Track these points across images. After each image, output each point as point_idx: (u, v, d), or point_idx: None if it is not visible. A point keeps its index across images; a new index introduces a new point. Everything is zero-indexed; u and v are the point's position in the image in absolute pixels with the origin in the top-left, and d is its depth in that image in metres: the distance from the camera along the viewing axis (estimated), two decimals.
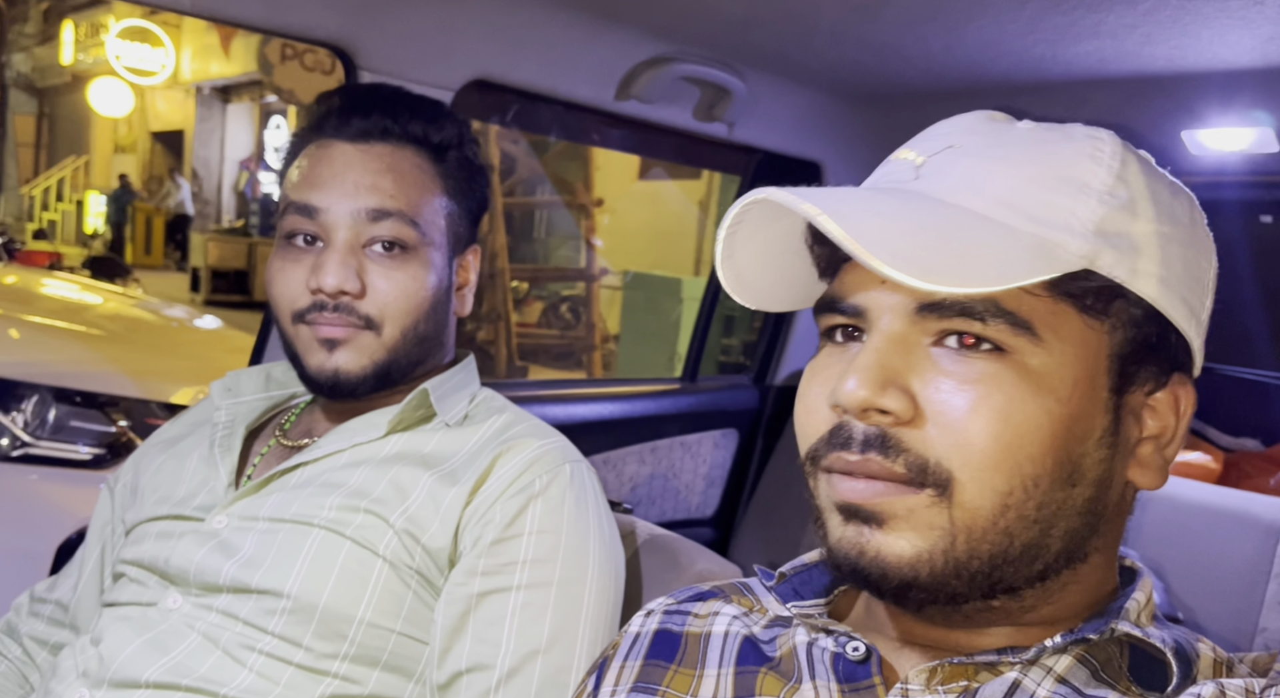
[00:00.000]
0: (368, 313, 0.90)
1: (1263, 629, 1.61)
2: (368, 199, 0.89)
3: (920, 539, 0.50)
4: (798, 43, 1.54)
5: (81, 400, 2.19)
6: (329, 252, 0.89)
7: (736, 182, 2.21)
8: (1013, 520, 0.49)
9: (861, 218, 0.47)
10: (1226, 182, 1.80)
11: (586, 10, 1.44)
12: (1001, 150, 0.52)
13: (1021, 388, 0.48)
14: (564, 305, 7.77)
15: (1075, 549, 0.52)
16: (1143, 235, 0.51)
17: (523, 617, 0.83)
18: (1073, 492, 0.50)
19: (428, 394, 0.94)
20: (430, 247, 0.93)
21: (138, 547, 0.92)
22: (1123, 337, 0.52)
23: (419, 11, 1.32)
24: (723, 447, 2.23)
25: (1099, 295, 0.50)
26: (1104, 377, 0.51)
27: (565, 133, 1.99)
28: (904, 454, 0.49)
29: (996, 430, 0.48)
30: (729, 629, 0.63)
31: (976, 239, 0.48)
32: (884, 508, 0.50)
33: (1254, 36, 1.27)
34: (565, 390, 1.98)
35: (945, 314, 0.49)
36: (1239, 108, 1.55)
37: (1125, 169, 0.52)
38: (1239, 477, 2.23)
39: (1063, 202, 0.50)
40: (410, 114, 0.94)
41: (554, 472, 0.89)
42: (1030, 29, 1.34)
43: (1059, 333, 0.50)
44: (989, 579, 0.50)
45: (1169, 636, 0.52)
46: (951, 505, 0.49)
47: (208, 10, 1.16)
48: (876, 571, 0.50)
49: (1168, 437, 0.54)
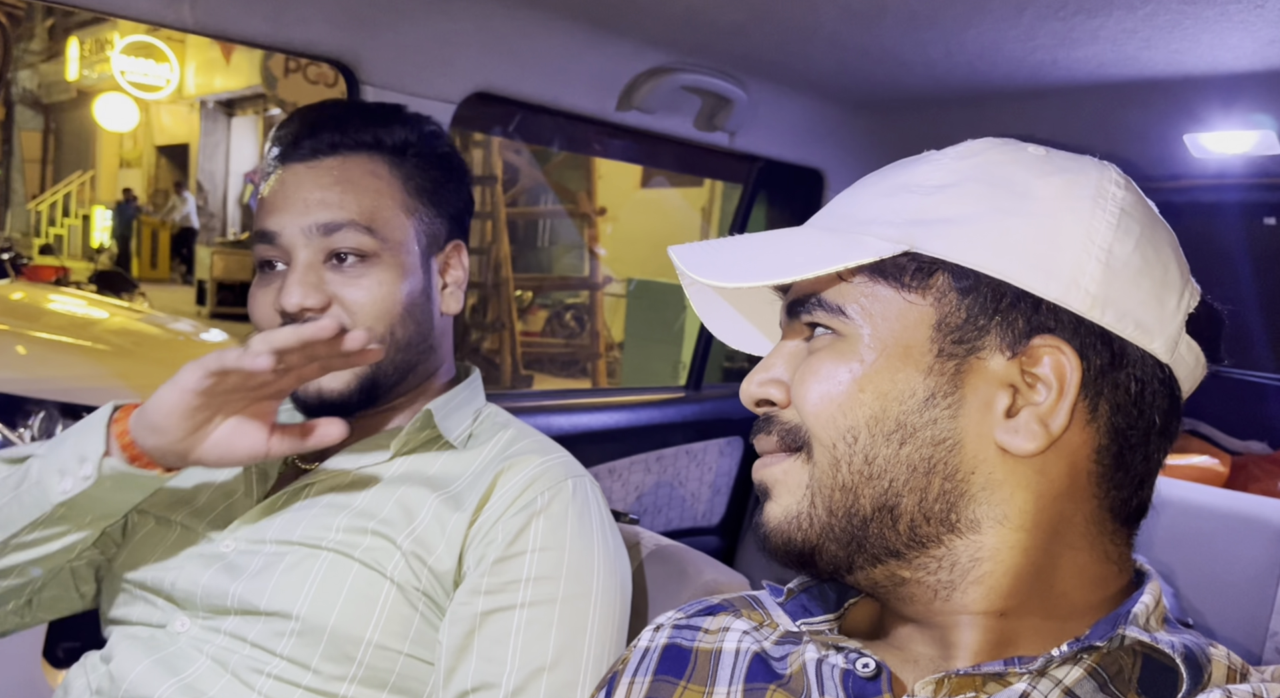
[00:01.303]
0: (342, 324, 0.89)
1: (1274, 633, 1.60)
2: (317, 214, 0.89)
3: (790, 499, 0.58)
4: (798, 51, 1.55)
5: (88, 415, 2.19)
6: (289, 272, 0.89)
7: (739, 188, 2.21)
8: (846, 475, 0.55)
9: (716, 254, 0.59)
10: (1229, 184, 1.79)
11: (587, 22, 1.45)
12: (878, 176, 0.61)
13: (831, 350, 0.57)
14: (568, 314, 7.78)
15: (947, 514, 0.54)
16: (967, 212, 0.54)
17: (527, 634, 0.83)
18: (903, 449, 0.54)
19: (431, 415, 0.93)
20: (396, 251, 0.92)
21: (141, 568, 0.92)
22: (951, 305, 0.54)
23: (420, 25, 1.33)
24: (728, 455, 2.23)
25: (915, 273, 0.55)
26: (925, 343, 0.54)
27: (567, 143, 2.00)
28: (778, 425, 0.59)
29: (813, 386, 0.56)
30: (739, 646, 0.63)
31: (794, 246, 0.58)
32: (766, 476, 0.59)
33: (1254, 40, 1.27)
34: (570, 401, 1.98)
35: (798, 311, 0.59)
36: (1240, 111, 1.55)
37: (961, 164, 0.57)
38: (1246, 480, 2.22)
39: (887, 202, 0.58)
40: (361, 122, 0.93)
41: (556, 488, 0.88)
42: (1029, 35, 1.35)
43: (869, 310, 0.56)
44: (855, 538, 0.55)
45: (1179, 642, 0.51)
46: (812, 464, 0.57)
47: (211, 27, 1.17)
48: (764, 532, 0.59)
49: (1048, 403, 0.53)
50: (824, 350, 0.57)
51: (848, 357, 0.56)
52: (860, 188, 0.61)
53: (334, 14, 1.24)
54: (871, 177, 0.61)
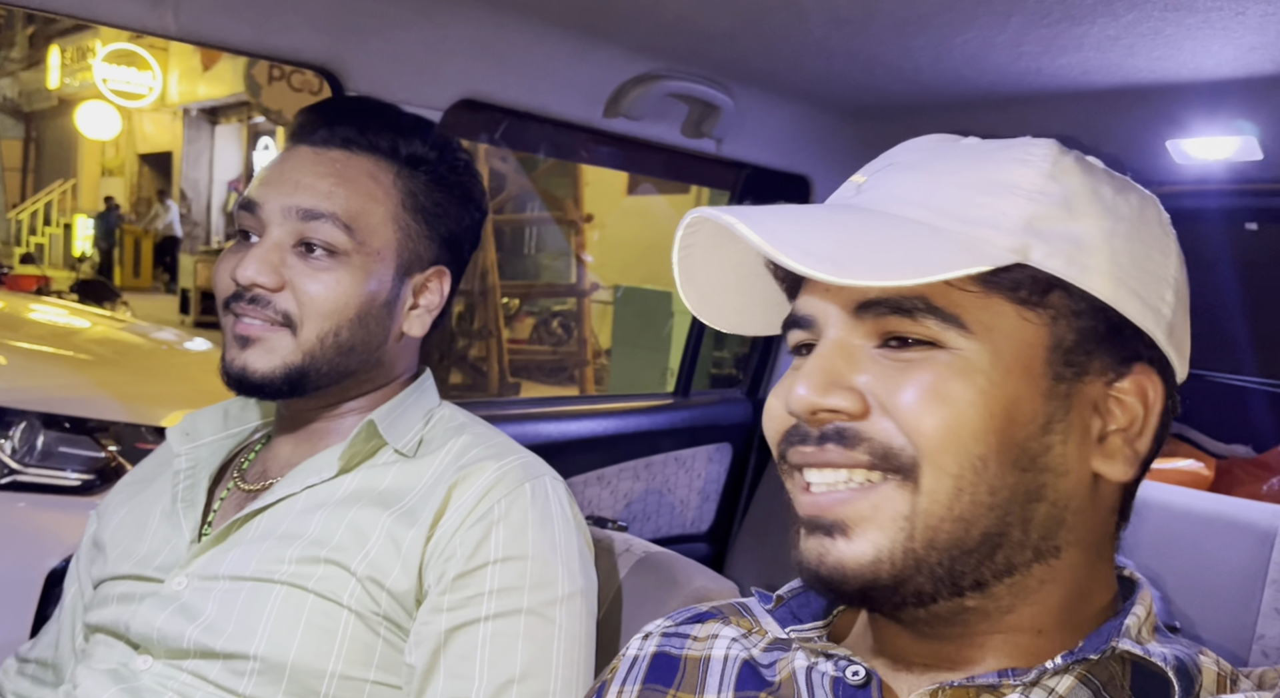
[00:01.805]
0: (285, 309, 0.88)
1: (1260, 636, 1.61)
2: (303, 198, 0.88)
3: (881, 536, 0.51)
4: (785, 58, 1.55)
5: (70, 426, 2.17)
6: (256, 246, 0.89)
7: (726, 195, 2.21)
8: (967, 505, 0.50)
9: (778, 224, 0.50)
10: (1212, 190, 1.81)
11: (574, 29, 1.45)
12: (938, 163, 0.55)
13: (951, 368, 0.51)
14: (555, 321, 7.77)
15: (1041, 542, 0.52)
16: (1081, 231, 0.52)
17: (494, 648, 0.81)
18: (1024, 477, 0.51)
19: (375, 426, 0.91)
20: (368, 257, 0.90)
21: (101, 610, 0.90)
22: (1065, 327, 0.52)
23: (406, 32, 1.32)
24: (717, 461, 2.23)
25: (1033, 288, 0.52)
26: (1042, 365, 0.52)
27: (554, 150, 1.99)
28: (864, 443, 0.51)
29: (935, 408, 0.50)
30: (728, 653, 0.62)
31: (898, 239, 0.51)
32: (846, 513, 0.52)
33: (1236, 47, 1.29)
34: (558, 408, 1.97)
35: (880, 313, 0.52)
36: (1223, 117, 1.56)
37: (1057, 169, 0.53)
38: (1231, 483, 2.23)
39: (990, 202, 0.52)
40: (382, 126, 0.93)
41: (514, 495, 0.86)
42: (1016, 42, 1.35)
43: (988, 324, 0.51)
44: (950, 572, 0.51)
45: (1170, 652, 0.51)
46: (916, 492, 0.50)
47: (194, 34, 1.16)
48: (837, 576, 0.52)
49: (1136, 428, 0.54)
50: (938, 366, 0.51)
51: (971, 375, 0.50)
52: (935, 175, 0.54)
53: (319, 20, 1.24)
54: (942, 162, 0.55)
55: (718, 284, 0.60)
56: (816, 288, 0.55)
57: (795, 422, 0.54)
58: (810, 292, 0.56)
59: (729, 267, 0.59)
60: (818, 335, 0.55)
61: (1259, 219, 2.41)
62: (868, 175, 0.57)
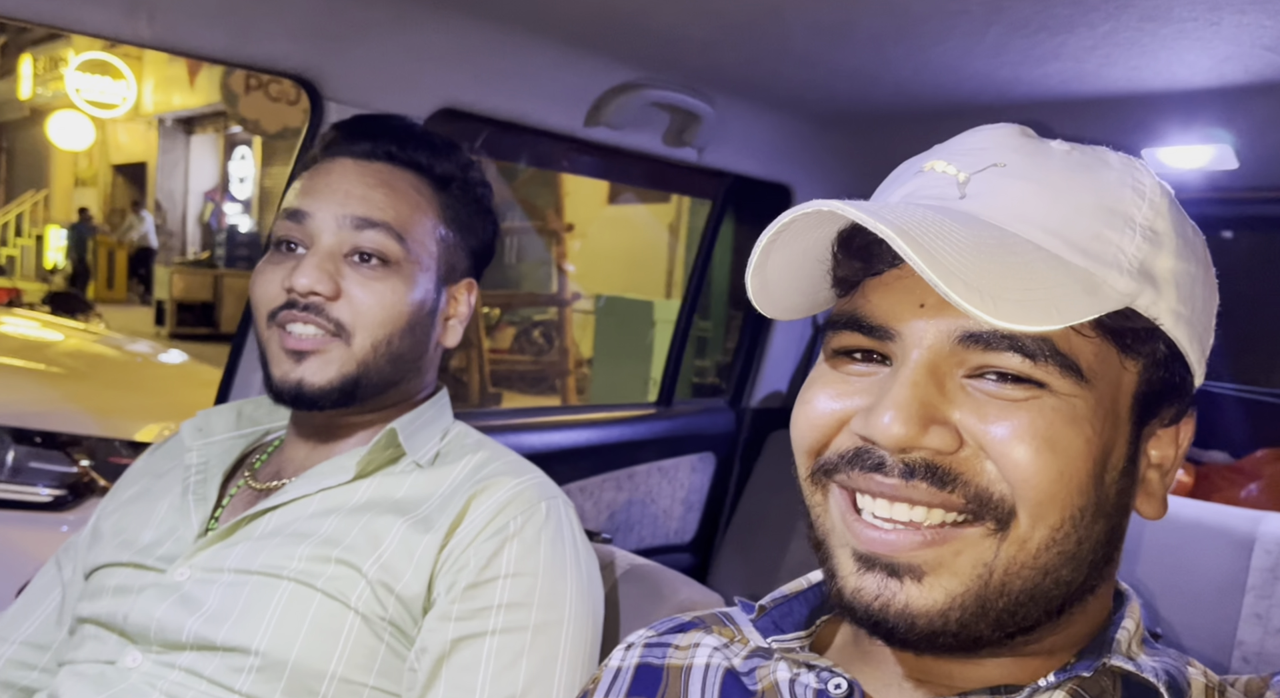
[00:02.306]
0: (339, 317, 0.89)
1: (1240, 642, 1.62)
2: (356, 207, 0.90)
3: (957, 583, 0.48)
4: (766, 67, 1.55)
5: (41, 441, 2.13)
6: (309, 254, 0.90)
7: (707, 204, 2.22)
8: (1054, 557, 0.48)
9: (933, 242, 0.45)
10: (1187, 199, 1.82)
11: (555, 38, 1.44)
12: (1046, 174, 0.51)
13: (1060, 416, 0.47)
14: (536, 330, 7.75)
15: (1091, 582, 0.51)
16: (1172, 273, 0.50)
17: (498, 662, 0.81)
18: (1108, 523, 0.50)
19: (396, 434, 0.91)
20: (415, 266, 0.93)
21: (94, 602, 0.89)
22: (1150, 376, 0.51)
23: (385, 40, 1.31)
24: (700, 471, 2.22)
25: (1138, 335, 0.50)
26: (1127, 413, 0.50)
27: (535, 160, 1.99)
28: (961, 485, 0.47)
29: (1047, 459, 0.47)
30: (710, 662, 0.62)
31: (1039, 273, 0.47)
32: (923, 558, 0.48)
33: (1211, 57, 1.30)
34: (540, 419, 1.96)
35: (992, 347, 0.48)
36: (1198, 126, 1.58)
37: (1160, 203, 0.51)
38: (1209, 489, 2.25)
39: (1110, 235, 0.49)
40: (418, 144, 0.96)
41: (529, 512, 0.87)
42: (995, 52, 1.36)
43: (1097, 372, 0.49)
44: (1014, 618, 0.49)
45: (1160, 666, 0.52)
46: (1004, 540, 0.47)
47: (169, 43, 1.15)
48: (904, 624, 0.48)
49: (1167, 465, 0.54)
50: (1048, 412, 0.47)
51: (1079, 423, 0.47)
52: (1050, 191, 0.50)
53: (297, 29, 1.22)
54: (1050, 174, 0.51)
55: (780, 271, 0.55)
56: (909, 300, 0.50)
57: (864, 446, 0.49)
58: (899, 302, 0.50)
59: (793, 254, 0.54)
60: (897, 352, 0.50)
61: (1234, 227, 2.44)
62: (966, 172, 0.52)
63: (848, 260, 0.53)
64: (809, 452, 0.53)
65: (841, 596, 0.51)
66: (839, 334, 0.53)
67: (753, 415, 2.30)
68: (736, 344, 2.35)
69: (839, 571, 0.51)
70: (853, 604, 0.50)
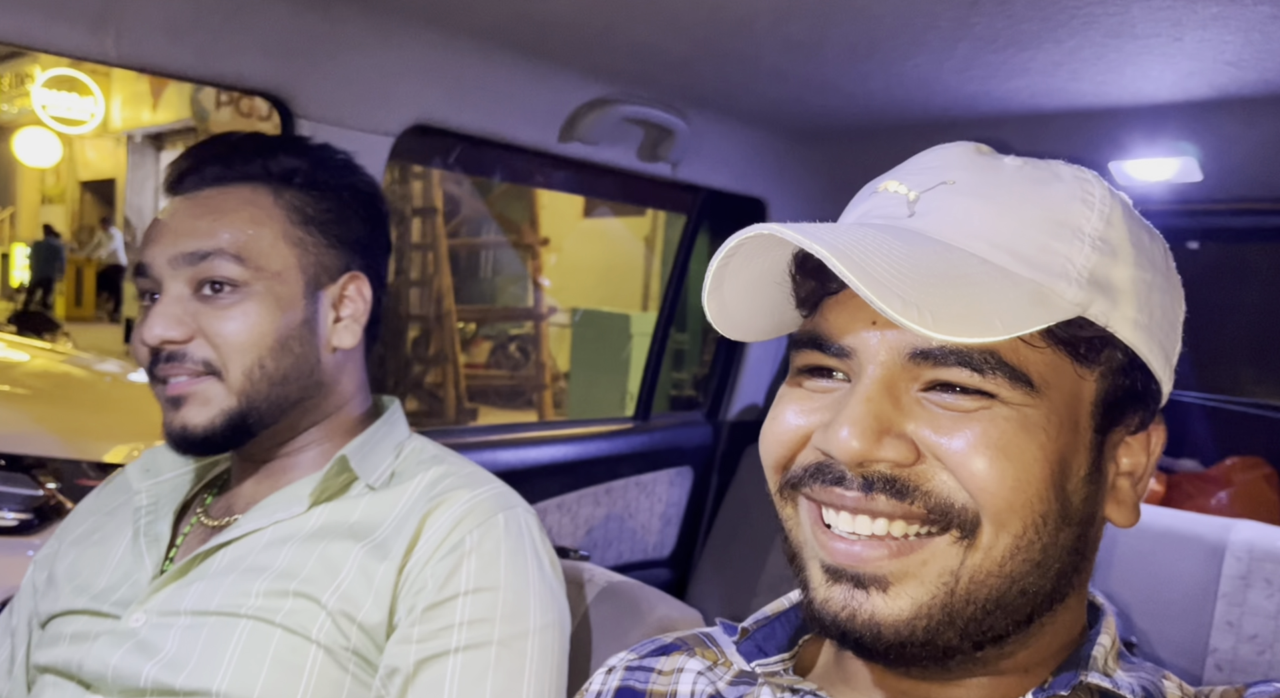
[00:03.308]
0: (205, 357, 0.86)
1: (1213, 650, 1.64)
2: (184, 244, 0.87)
3: (923, 592, 0.49)
4: (740, 82, 1.56)
5: (6, 463, 2.09)
6: (155, 305, 0.88)
7: (682, 218, 2.22)
8: (1018, 564, 0.49)
9: (869, 260, 0.46)
10: (1153, 211, 1.85)
11: (528, 53, 1.44)
12: (994, 189, 0.52)
13: (1012, 425, 0.48)
14: (512, 345, 7.72)
15: (1060, 591, 0.52)
16: (1127, 281, 0.51)
17: (463, 680, 0.80)
18: (1071, 532, 0.50)
19: (347, 460, 0.90)
20: (271, 281, 0.88)
21: (51, 650, 0.86)
22: (1109, 384, 0.52)
23: (357, 57, 1.30)
24: (678, 485, 2.21)
25: (1090, 344, 0.50)
26: (1088, 421, 0.51)
27: (509, 175, 1.98)
28: (920, 496, 0.48)
29: (1002, 467, 0.48)
30: (694, 688, 0.61)
31: (981, 285, 0.47)
32: (889, 570, 0.49)
33: (1175, 72, 1.33)
34: (516, 435, 1.94)
35: (941, 363, 0.48)
36: (1163, 139, 1.60)
37: (1113, 213, 0.52)
38: (1181, 498, 2.28)
39: (1058, 247, 0.50)
40: (248, 154, 0.92)
41: (486, 525, 0.85)
42: (964, 67, 1.38)
43: (1050, 382, 0.49)
44: (980, 626, 0.49)
45: (1136, 682, 0.52)
46: (970, 548, 0.48)
47: (136, 61, 1.13)
48: (869, 633, 0.49)
49: (1139, 474, 0.54)
50: (1000, 421, 0.48)
51: (1032, 431, 0.48)
52: (996, 205, 0.51)
53: (267, 45, 1.21)
54: (998, 190, 0.52)
55: (738, 293, 0.56)
56: (862, 318, 0.51)
57: (826, 460, 0.51)
58: (853, 320, 0.51)
59: (752, 275, 0.55)
60: (853, 369, 0.51)
61: (1200, 239, 2.48)
62: (916, 191, 0.53)
63: (804, 280, 0.55)
64: (775, 467, 0.54)
65: (811, 606, 0.52)
66: (801, 353, 0.54)
67: (730, 429, 2.30)
68: (713, 357, 2.35)
69: (810, 582, 0.52)
70: (821, 615, 0.51)
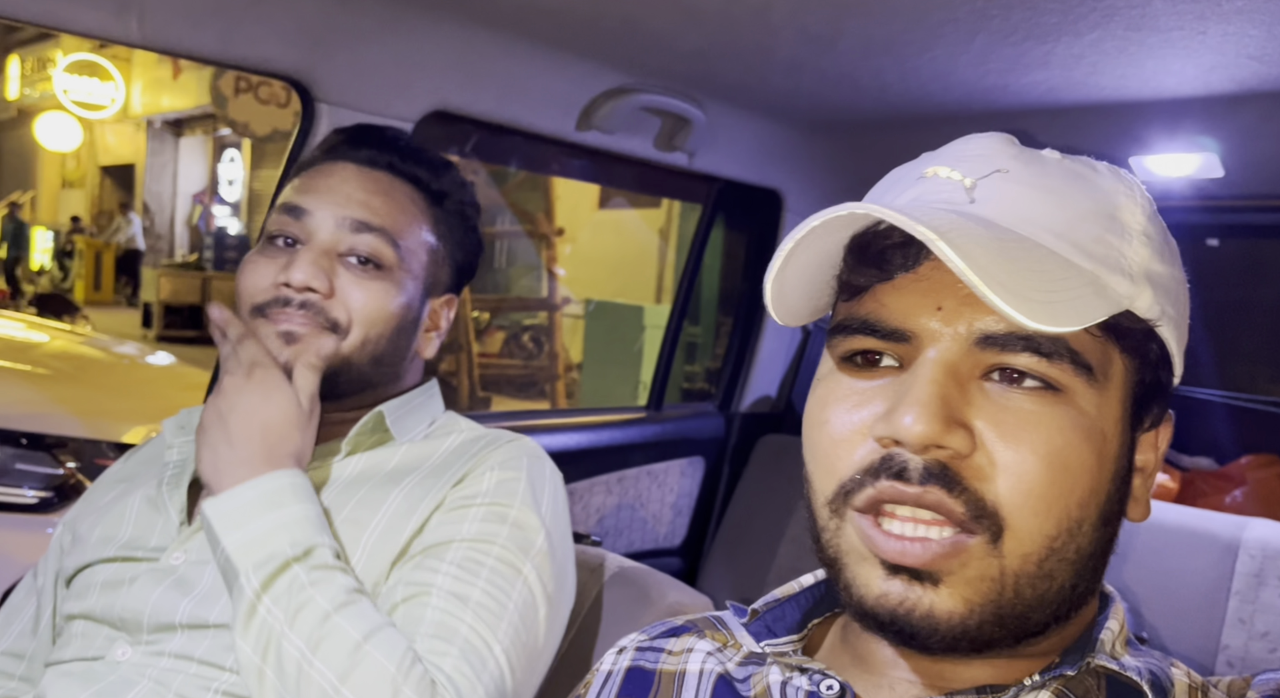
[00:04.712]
0: (335, 316, 0.90)
1: (1225, 647, 1.63)
2: (356, 210, 0.92)
3: (974, 593, 0.48)
4: (757, 74, 1.56)
5: (27, 442, 2.12)
6: (305, 250, 0.91)
7: (697, 209, 2.22)
8: (1054, 564, 0.49)
9: (969, 245, 0.45)
10: (1173, 207, 1.85)
11: (546, 42, 1.45)
12: (1046, 180, 0.52)
13: (1078, 431, 0.48)
14: (526, 335, 7.73)
15: (1092, 586, 0.52)
16: (1165, 276, 0.52)
17: (461, 568, 0.83)
18: (1105, 532, 0.51)
19: (383, 417, 0.93)
20: (406, 273, 0.95)
21: (82, 600, 0.88)
22: (1142, 377, 0.52)
23: (378, 43, 1.31)
24: (689, 475, 2.22)
25: (1137, 337, 0.51)
26: (1130, 417, 0.51)
27: (526, 163, 1.99)
28: (965, 492, 0.47)
29: (1054, 475, 0.47)
30: (703, 668, 0.61)
31: (1057, 275, 0.47)
32: (940, 566, 0.48)
33: (1197, 66, 1.32)
34: (529, 422, 1.96)
35: (1008, 348, 0.48)
36: (1184, 134, 1.59)
37: (1150, 209, 0.53)
38: (1195, 495, 2.27)
39: (1111, 239, 0.50)
40: (417, 158, 0.98)
41: (515, 461, 0.92)
42: (981, 60, 1.37)
43: (1107, 373, 0.50)
44: (1025, 622, 0.50)
45: (1144, 666, 0.52)
46: (1003, 555, 0.48)
47: (159, 43, 1.14)
48: (926, 627, 0.49)
49: (1150, 469, 0.55)
50: (1065, 427, 0.47)
51: (1095, 438, 0.48)
52: (1052, 196, 0.51)
53: (289, 31, 1.22)
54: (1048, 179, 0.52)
55: (795, 277, 0.54)
56: (925, 301, 0.49)
57: (888, 453, 0.49)
58: (913, 304, 0.50)
59: (812, 259, 0.53)
60: (911, 352, 0.50)
61: (1220, 235, 2.46)
62: (972, 178, 0.52)
63: (861, 266, 0.53)
64: (831, 472, 0.51)
65: (864, 604, 0.50)
66: (850, 338, 0.52)
67: (742, 420, 2.30)
68: (726, 349, 2.35)
69: (858, 580, 0.50)
70: (878, 611, 0.49)
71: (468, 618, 0.79)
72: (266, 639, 0.74)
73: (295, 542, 0.78)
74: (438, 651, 0.77)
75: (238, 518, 0.79)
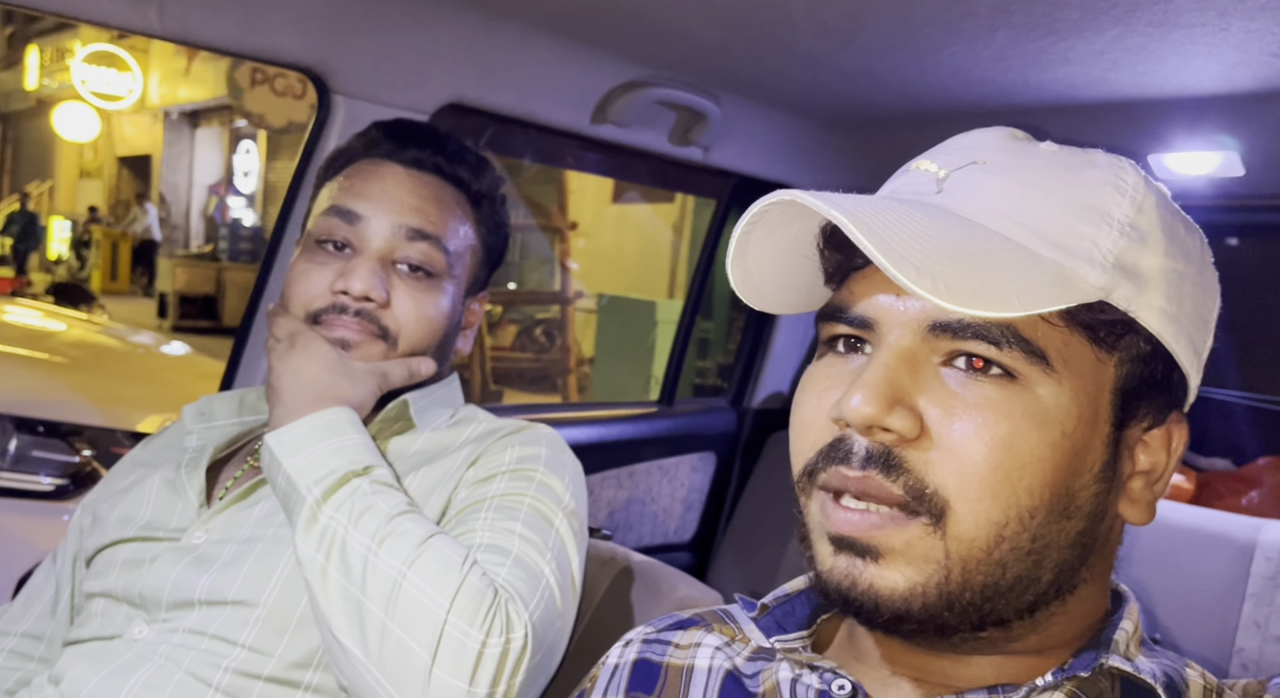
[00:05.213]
0: (387, 325, 0.91)
1: (1239, 649, 1.62)
2: (411, 218, 0.92)
3: (915, 572, 0.49)
4: (774, 68, 1.55)
5: (44, 430, 2.13)
6: (361, 258, 0.91)
7: (711, 205, 2.21)
8: (1006, 552, 0.48)
9: (888, 229, 0.46)
10: (1193, 205, 1.82)
11: (563, 34, 1.44)
12: (1025, 171, 0.52)
13: (1028, 418, 0.48)
14: (538, 328, 7.75)
15: (1065, 581, 0.51)
16: (1156, 270, 0.51)
17: (500, 505, 0.84)
18: (1066, 524, 0.50)
19: (407, 405, 0.94)
20: (452, 279, 0.96)
21: (103, 578, 0.89)
22: (1129, 371, 0.51)
23: (394, 35, 1.31)
24: (700, 470, 2.22)
25: (1111, 328, 0.50)
26: (1107, 411, 0.50)
27: (541, 156, 1.99)
28: (904, 475, 0.48)
29: (998, 460, 0.47)
30: (712, 663, 0.61)
31: (1000, 262, 0.47)
32: (879, 541, 0.49)
33: (1219, 63, 1.30)
34: (541, 416, 1.96)
35: (959, 335, 0.49)
36: (1205, 133, 1.58)
37: (1145, 201, 0.52)
38: (1211, 497, 2.25)
39: (1084, 230, 0.50)
40: (459, 159, 0.98)
41: (535, 438, 0.92)
42: (1001, 56, 1.36)
43: (1069, 364, 0.49)
44: (979, 611, 0.49)
45: (1158, 668, 0.52)
46: (946, 537, 0.48)
47: (178, 33, 1.15)
48: (869, 603, 0.49)
49: (1158, 473, 0.54)
50: (1015, 413, 0.47)
51: (1048, 426, 0.48)
52: (1026, 186, 0.51)
53: (305, 22, 1.23)
54: (1030, 171, 0.52)
55: (763, 262, 0.56)
56: (886, 289, 0.51)
57: (841, 435, 0.50)
58: (876, 291, 0.51)
59: (778, 246, 0.55)
60: (875, 338, 0.51)
61: (1240, 235, 2.44)
62: (946, 169, 0.53)
63: (831, 253, 0.55)
64: (798, 453, 0.54)
65: (820, 581, 0.52)
66: (825, 325, 0.55)
67: (754, 416, 2.30)
68: (739, 345, 2.35)
69: (817, 556, 0.52)
70: (826, 584, 0.51)
71: (515, 543, 0.81)
72: (330, 540, 0.76)
73: (355, 461, 0.81)
74: (493, 562, 0.79)
75: (299, 444, 0.82)
